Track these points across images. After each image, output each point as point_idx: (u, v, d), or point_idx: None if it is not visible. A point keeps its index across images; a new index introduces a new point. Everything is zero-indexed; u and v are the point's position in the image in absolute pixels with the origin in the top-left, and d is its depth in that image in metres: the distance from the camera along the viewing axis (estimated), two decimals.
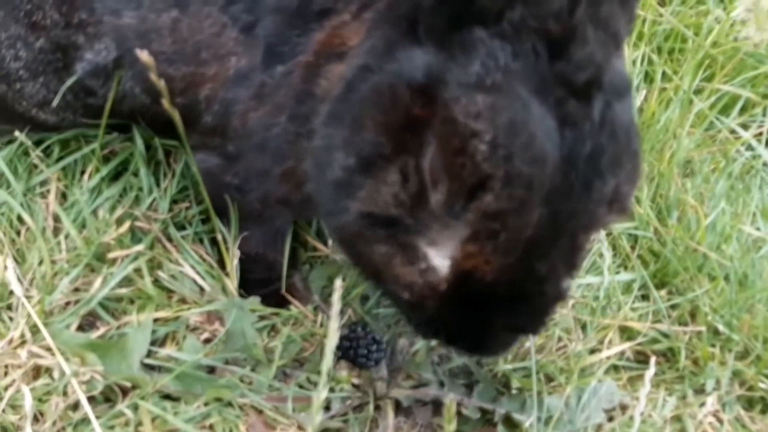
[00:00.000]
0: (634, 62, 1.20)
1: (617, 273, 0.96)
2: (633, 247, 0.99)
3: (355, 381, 0.81)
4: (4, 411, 0.67)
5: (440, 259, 0.54)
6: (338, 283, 0.62)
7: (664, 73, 1.18)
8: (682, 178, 1.08)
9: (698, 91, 1.14)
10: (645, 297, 0.94)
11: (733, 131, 1.11)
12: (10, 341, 0.72)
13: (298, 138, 0.65)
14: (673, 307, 0.93)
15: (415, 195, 0.53)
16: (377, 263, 0.59)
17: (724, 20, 1.17)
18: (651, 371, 0.76)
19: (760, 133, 1.11)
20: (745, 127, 1.14)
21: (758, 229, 1.01)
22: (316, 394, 0.60)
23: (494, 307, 0.55)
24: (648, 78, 1.19)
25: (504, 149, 0.49)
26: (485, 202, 0.50)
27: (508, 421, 0.79)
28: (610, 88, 0.52)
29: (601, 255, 0.98)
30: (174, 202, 0.87)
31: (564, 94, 0.50)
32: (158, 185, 0.87)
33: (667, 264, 0.95)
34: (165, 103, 0.69)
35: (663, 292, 0.94)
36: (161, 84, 0.68)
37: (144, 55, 0.65)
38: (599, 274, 0.93)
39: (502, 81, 0.50)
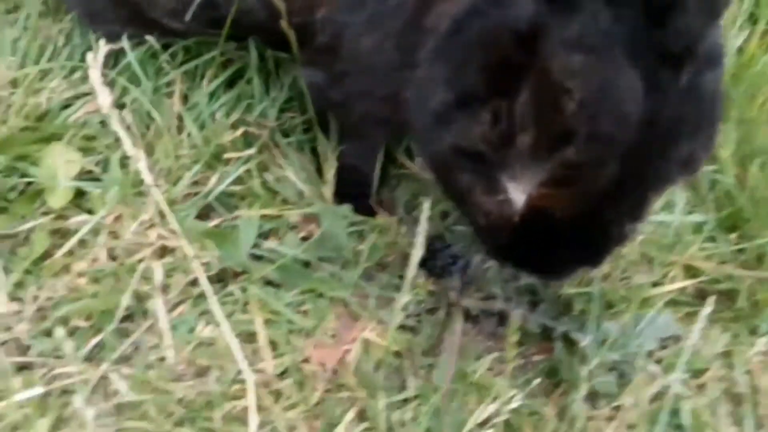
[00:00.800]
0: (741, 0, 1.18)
1: (691, 213, 1.00)
2: (711, 188, 1.02)
3: (431, 288, 0.90)
4: (138, 282, 0.80)
5: (518, 193, 0.59)
6: (426, 204, 0.70)
7: None
8: None
9: None
10: (714, 238, 0.98)
11: None
12: (142, 223, 0.84)
13: (403, 67, 0.70)
14: (741, 251, 0.96)
15: (504, 135, 0.57)
16: (461, 189, 0.65)
17: None
18: (708, 309, 0.82)
19: None
20: None
21: None
22: (398, 296, 0.69)
23: (561, 241, 0.61)
24: (752, 18, 1.17)
25: (591, 109, 0.52)
26: (567, 153, 0.54)
27: (566, 339, 0.86)
28: (701, 57, 0.53)
29: (679, 192, 1.03)
30: (281, 111, 0.96)
31: (656, 61, 0.52)
32: (268, 94, 0.96)
33: (741, 209, 0.98)
34: (283, 23, 0.76)
35: (733, 236, 0.98)
36: (281, 5, 0.75)
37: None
38: (672, 213, 0.98)
39: (600, 43, 0.52)
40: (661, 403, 0.81)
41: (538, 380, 0.82)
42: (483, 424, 0.78)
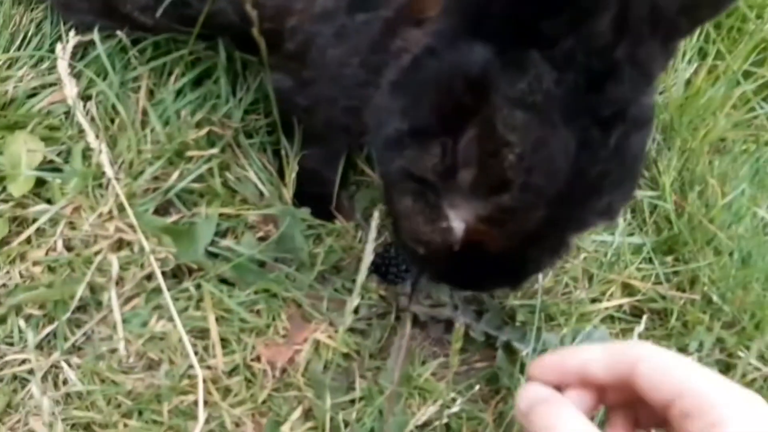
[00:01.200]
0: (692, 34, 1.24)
1: (631, 234, 1.06)
2: (651, 213, 1.08)
3: (382, 293, 0.93)
4: (93, 274, 0.81)
5: (457, 222, 0.64)
6: (376, 212, 0.73)
7: (718, 51, 1.22)
8: (713, 155, 1.15)
9: (748, 74, 1.19)
10: (652, 260, 1.04)
11: None
12: (100, 215, 0.85)
13: (366, 84, 0.73)
14: (676, 273, 1.02)
15: (449, 168, 0.62)
16: (405, 213, 0.69)
17: None
18: (641, 327, 0.87)
19: None
20: None
21: None
22: (349, 299, 0.72)
23: (490, 269, 0.67)
24: (702, 52, 1.23)
25: (527, 163, 0.57)
26: (503, 199, 0.59)
27: (509, 348, 0.91)
28: (631, 120, 0.59)
29: (622, 215, 1.08)
30: (246, 112, 0.97)
31: (590, 122, 0.57)
32: (234, 95, 0.97)
33: (678, 233, 1.03)
34: (254, 32, 0.78)
35: (669, 258, 1.04)
36: (254, 14, 0.77)
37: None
38: (613, 234, 1.03)
39: (541, 103, 0.57)
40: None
41: (478, 387, 0.86)
42: (424, 426, 0.82)
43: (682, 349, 0.97)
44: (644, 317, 0.91)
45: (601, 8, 0.56)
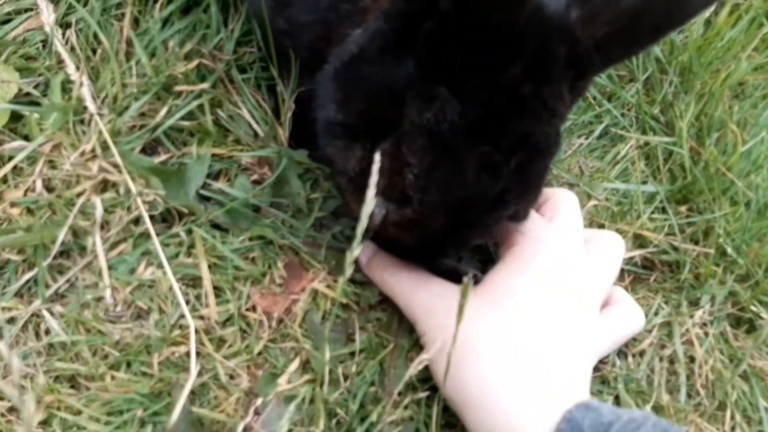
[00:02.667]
0: None
1: (645, 182, 1.01)
2: (666, 160, 1.03)
3: None
4: (75, 216, 0.75)
5: (378, 209, 0.68)
6: (378, 155, 0.68)
7: None
8: (732, 100, 1.09)
9: None
10: (665, 210, 0.99)
11: None
12: (83, 153, 0.79)
13: (332, 29, 0.71)
14: (690, 224, 0.97)
15: (365, 171, 0.65)
16: (341, 190, 0.75)
17: None
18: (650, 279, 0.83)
19: None
20: None
21: None
22: (348, 250, 0.67)
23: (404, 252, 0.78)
24: None
25: (424, 181, 0.64)
26: (406, 211, 0.66)
27: None
28: (532, 147, 0.64)
29: (633, 163, 1.03)
30: (239, 44, 0.90)
31: (491, 149, 0.62)
32: (226, 25, 0.90)
33: (694, 182, 0.99)
34: None
35: (684, 208, 0.99)
36: None
37: None
38: (626, 181, 0.98)
39: (444, 131, 0.61)
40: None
41: None
42: (427, 380, 0.78)
43: (694, 303, 0.94)
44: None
45: (517, 58, 0.60)
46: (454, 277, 0.90)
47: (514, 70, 0.61)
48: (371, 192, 0.66)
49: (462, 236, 0.72)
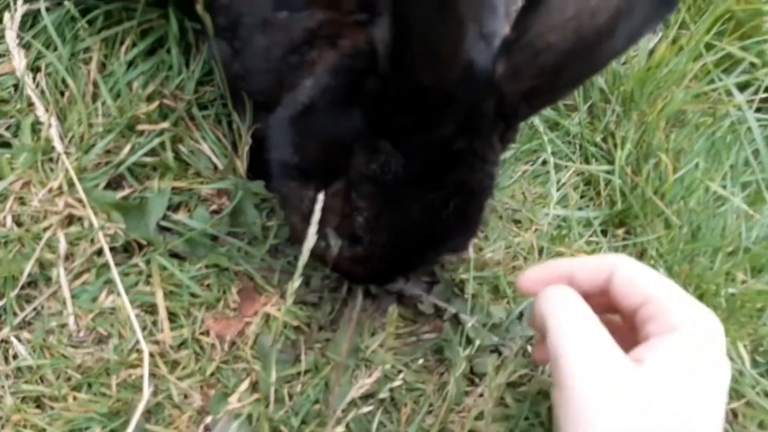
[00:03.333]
0: None
1: (586, 207, 1.07)
2: (607, 185, 1.09)
3: None
4: (42, 249, 0.82)
5: (334, 241, 0.75)
6: (320, 194, 0.75)
7: (683, 21, 1.21)
8: (671, 128, 1.16)
9: (709, 46, 1.18)
10: (604, 232, 1.06)
11: (729, 92, 1.16)
12: (50, 190, 0.86)
13: (283, 78, 0.77)
14: (625, 246, 1.04)
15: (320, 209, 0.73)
16: (293, 225, 0.81)
17: None
18: None
19: (753, 100, 1.16)
20: (745, 87, 1.19)
21: (724, 187, 1.10)
22: (291, 280, 0.74)
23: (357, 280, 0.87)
24: (667, 22, 1.23)
25: (373, 224, 0.71)
26: (357, 249, 0.74)
27: (456, 320, 0.94)
28: (468, 191, 0.72)
29: (576, 188, 1.10)
30: (200, 84, 0.97)
31: (431, 195, 0.70)
32: (187, 66, 0.97)
33: (629, 207, 1.05)
34: (198, 8, 0.78)
35: (621, 231, 1.06)
36: None
37: None
38: (565, 207, 1.05)
39: (390, 181, 0.69)
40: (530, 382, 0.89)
41: (422, 359, 0.89)
42: (368, 397, 0.84)
43: None
44: None
45: (450, 116, 0.68)
46: (401, 298, 0.97)
47: (448, 126, 0.69)
48: (312, 229, 0.73)
49: (408, 268, 0.82)
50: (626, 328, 0.68)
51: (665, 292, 0.64)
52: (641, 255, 1.04)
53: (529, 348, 0.92)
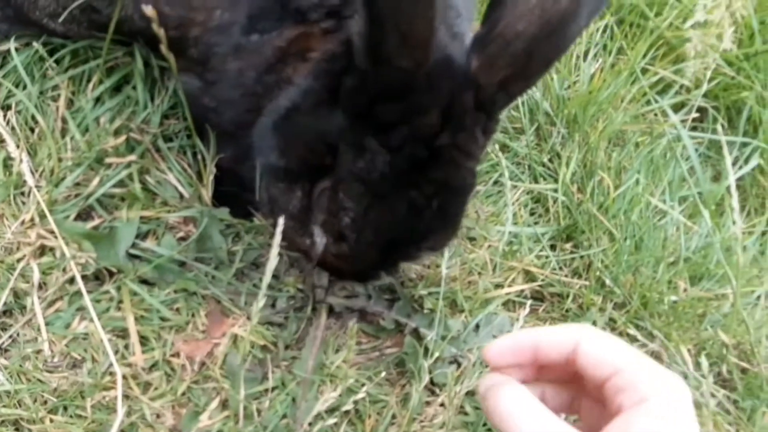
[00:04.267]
0: (597, 30, 1.32)
1: (535, 224, 1.14)
2: (555, 202, 1.16)
3: (300, 286, 0.99)
4: (16, 279, 0.85)
5: (319, 238, 0.78)
6: (281, 217, 0.79)
7: (620, 47, 1.30)
8: (612, 147, 1.24)
9: (645, 70, 1.27)
10: (553, 247, 1.12)
11: (664, 112, 1.25)
12: (22, 222, 0.89)
13: (260, 99, 0.80)
14: (573, 259, 1.11)
15: (306, 207, 0.77)
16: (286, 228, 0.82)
17: (683, 5, 1.27)
18: (526, 310, 0.96)
19: (686, 120, 1.25)
20: (680, 107, 1.28)
21: (664, 201, 1.18)
22: (255, 301, 0.78)
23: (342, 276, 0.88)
24: (606, 49, 1.31)
25: (359, 224, 0.74)
26: (342, 246, 0.77)
27: (416, 334, 0.99)
28: (451, 189, 0.76)
29: (526, 205, 1.16)
30: (165, 117, 1.02)
31: (415, 194, 0.74)
32: (152, 101, 1.02)
33: (576, 222, 1.12)
34: (162, 48, 0.83)
35: (569, 245, 1.12)
36: (161, 33, 0.81)
37: (148, 10, 0.78)
38: (516, 224, 1.11)
39: (375, 179, 0.73)
40: None
41: (385, 372, 0.94)
42: (333, 410, 0.89)
43: None
44: (527, 303, 0.99)
45: (432, 105, 0.71)
46: (364, 315, 1.02)
47: (432, 115, 0.71)
48: (274, 251, 0.78)
49: (391, 264, 0.85)
50: (591, 400, 0.65)
51: (633, 362, 0.61)
52: (588, 267, 1.11)
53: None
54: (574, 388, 0.65)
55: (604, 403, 0.62)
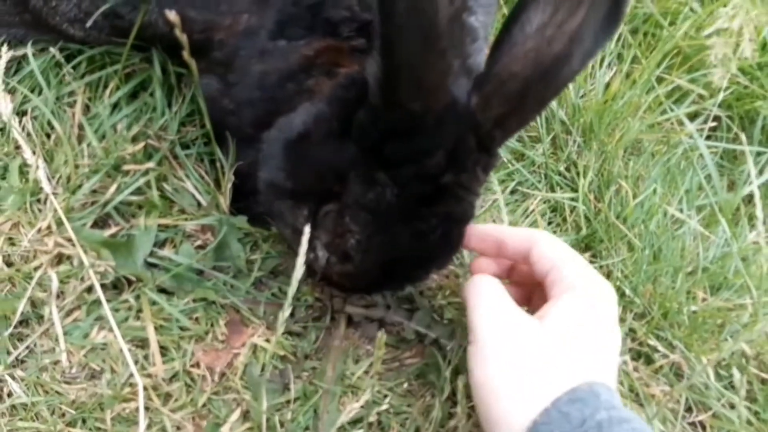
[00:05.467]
0: (612, 39, 1.31)
1: (553, 233, 1.13)
2: (572, 211, 1.15)
3: (318, 296, 0.98)
4: (33, 288, 0.84)
5: (322, 253, 0.81)
6: (307, 224, 0.78)
7: (635, 56, 1.30)
8: (629, 156, 1.23)
9: (660, 79, 1.27)
10: None
11: (680, 121, 1.25)
12: (39, 230, 0.87)
13: (279, 104, 0.81)
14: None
15: (312, 226, 0.78)
16: (285, 236, 0.87)
17: (698, 14, 1.27)
18: None
19: (702, 129, 1.24)
20: (695, 117, 1.27)
21: (681, 211, 1.17)
22: (281, 310, 0.77)
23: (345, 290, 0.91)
24: (620, 57, 1.31)
25: (364, 246, 0.77)
26: (345, 266, 0.80)
27: (437, 344, 0.97)
28: (453, 220, 0.80)
29: (544, 215, 1.15)
30: (182, 124, 1.01)
31: (420, 223, 0.77)
32: (170, 107, 1.00)
33: (594, 232, 1.11)
34: (185, 54, 0.82)
35: (587, 255, 1.11)
36: (183, 38, 0.80)
37: (171, 15, 0.77)
38: None
39: (383, 210, 0.76)
40: None
41: (407, 383, 0.92)
42: (356, 422, 0.87)
43: None
44: None
45: (438, 147, 0.74)
46: (383, 325, 1.01)
47: (438, 158, 0.75)
48: (300, 260, 0.77)
49: (396, 285, 0.89)
50: (540, 294, 0.83)
51: (569, 262, 0.80)
52: (608, 276, 1.09)
53: None
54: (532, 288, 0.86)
55: (547, 295, 0.79)
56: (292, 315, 0.96)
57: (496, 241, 0.87)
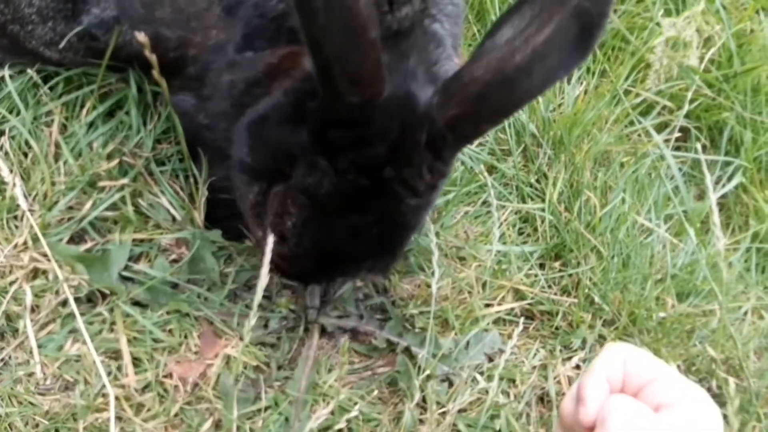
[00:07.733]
0: None
1: (524, 243, 1.15)
2: (543, 221, 1.18)
3: (292, 307, 1.00)
4: (8, 302, 0.86)
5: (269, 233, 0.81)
6: (271, 236, 0.80)
7: (603, 70, 1.33)
8: (598, 167, 1.26)
9: (628, 92, 1.30)
10: (542, 265, 1.14)
11: (647, 133, 1.28)
12: (15, 246, 0.90)
13: (248, 105, 0.85)
14: (562, 277, 1.12)
15: (260, 204, 0.83)
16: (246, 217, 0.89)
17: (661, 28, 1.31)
18: (519, 328, 0.97)
19: (669, 140, 1.28)
20: (663, 128, 1.31)
21: (650, 220, 1.20)
22: (247, 319, 0.79)
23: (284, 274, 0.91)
24: (589, 71, 1.34)
25: (299, 229, 0.80)
26: (282, 248, 0.81)
27: (408, 353, 0.99)
28: (390, 221, 0.81)
29: (514, 225, 1.18)
30: (158, 141, 1.03)
31: (357, 219, 0.80)
32: (145, 125, 1.03)
33: (564, 241, 1.14)
34: (155, 73, 0.85)
35: (557, 264, 1.14)
36: (153, 58, 0.84)
37: (140, 37, 0.80)
38: (505, 244, 1.13)
39: (321, 196, 0.78)
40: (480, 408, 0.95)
41: (377, 390, 0.94)
42: (326, 429, 0.89)
43: (568, 347, 1.07)
44: (520, 321, 1.00)
45: (379, 138, 0.76)
46: (355, 335, 1.03)
47: (378, 148, 0.76)
48: (264, 270, 0.79)
49: (329, 276, 0.92)
50: None
51: (665, 374, 0.66)
52: (577, 285, 1.12)
53: (477, 375, 0.98)
54: None
55: None
56: (265, 326, 0.98)
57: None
